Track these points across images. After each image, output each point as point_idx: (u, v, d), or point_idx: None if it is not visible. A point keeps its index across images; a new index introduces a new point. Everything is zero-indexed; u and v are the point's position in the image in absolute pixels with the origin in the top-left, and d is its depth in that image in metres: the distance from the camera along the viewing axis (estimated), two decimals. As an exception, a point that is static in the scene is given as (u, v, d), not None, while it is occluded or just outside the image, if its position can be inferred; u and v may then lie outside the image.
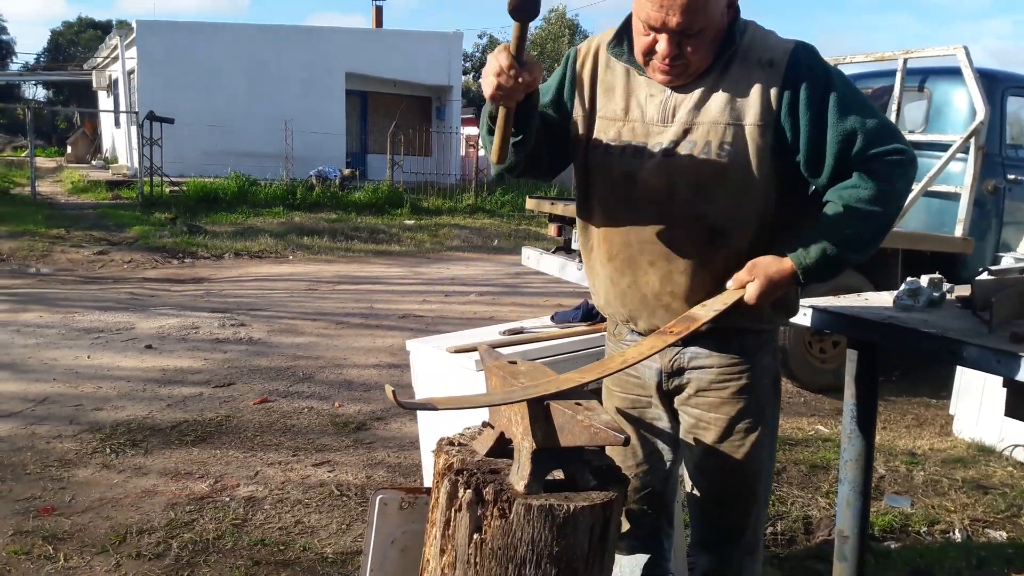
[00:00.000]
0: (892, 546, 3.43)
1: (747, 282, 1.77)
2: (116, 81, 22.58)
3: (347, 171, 18.39)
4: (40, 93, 44.73)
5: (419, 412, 3.10)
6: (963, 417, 4.92)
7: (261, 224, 13.44)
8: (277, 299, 8.28)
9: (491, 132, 1.73)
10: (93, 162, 23.87)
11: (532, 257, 6.53)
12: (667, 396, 1.99)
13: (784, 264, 1.76)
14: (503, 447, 1.78)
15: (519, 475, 1.64)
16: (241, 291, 8.70)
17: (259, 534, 3.33)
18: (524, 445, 1.65)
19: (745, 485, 1.95)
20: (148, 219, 13.35)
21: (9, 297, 7.84)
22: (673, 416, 2.01)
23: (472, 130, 24.43)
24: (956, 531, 3.67)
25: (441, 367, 2.75)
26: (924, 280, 2.45)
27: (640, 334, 1.97)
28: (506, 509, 1.58)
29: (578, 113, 1.94)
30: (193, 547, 3.20)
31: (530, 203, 7.21)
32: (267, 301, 8.14)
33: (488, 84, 1.63)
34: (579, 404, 1.62)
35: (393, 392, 1.44)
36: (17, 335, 6.33)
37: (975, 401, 4.82)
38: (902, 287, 2.46)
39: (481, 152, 20.40)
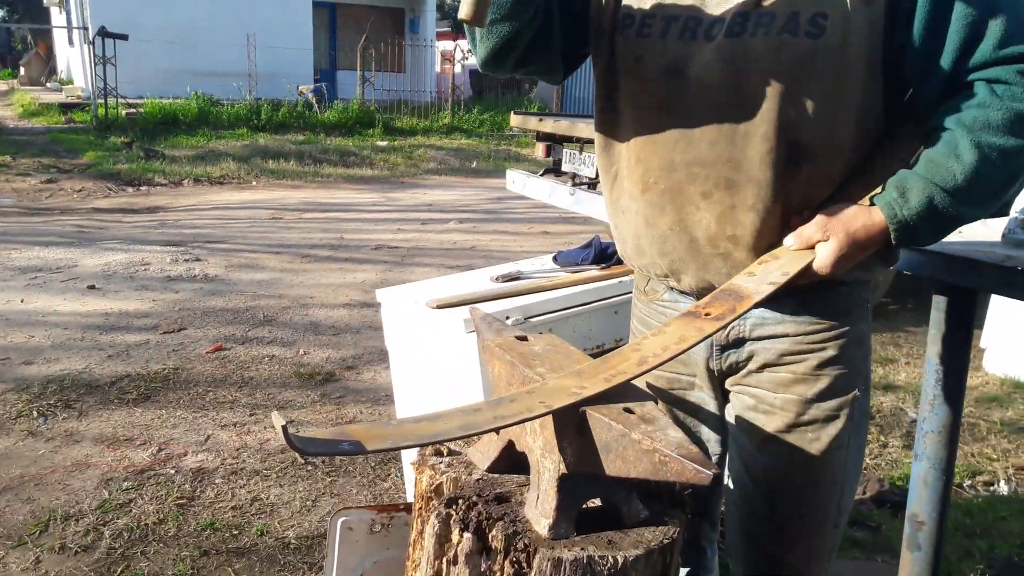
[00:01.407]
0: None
1: (818, 241, 1.23)
2: (66, -5, 21.10)
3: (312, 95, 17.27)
4: (-7, 12, 42.31)
5: (392, 365, 2.56)
6: (995, 351, 4.49)
7: (223, 147, 12.60)
8: (237, 230, 7.62)
9: None
10: (48, 84, 22.56)
11: (518, 181, 5.90)
12: (718, 376, 1.45)
13: (873, 217, 1.22)
14: (511, 459, 1.25)
15: (540, 509, 1.12)
16: (199, 221, 8.02)
17: (208, 516, 2.82)
18: (546, 466, 1.13)
19: (816, 498, 1.40)
20: (102, 144, 12.46)
21: (-59, 232, 7.13)
22: (724, 399, 1.48)
23: (448, 44, 23.26)
24: (1001, 482, 3.26)
25: (420, 325, 2.19)
26: (1042, 208, 1.90)
27: (683, 293, 1.42)
28: (523, 563, 1.08)
29: None
30: (129, 535, 2.70)
31: (514, 119, 6.51)
32: (226, 232, 7.47)
33: None
34: (630, 411, 1.07)
35: (284, 429, 0.85)
36: (-57, 276, 5.68)
37: (1010, 332, 4.37)
38: (1013, 215, 1.91)
39: (458, 68, 19.41)
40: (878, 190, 1.23)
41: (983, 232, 2.00)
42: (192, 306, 5.13)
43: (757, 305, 1.22)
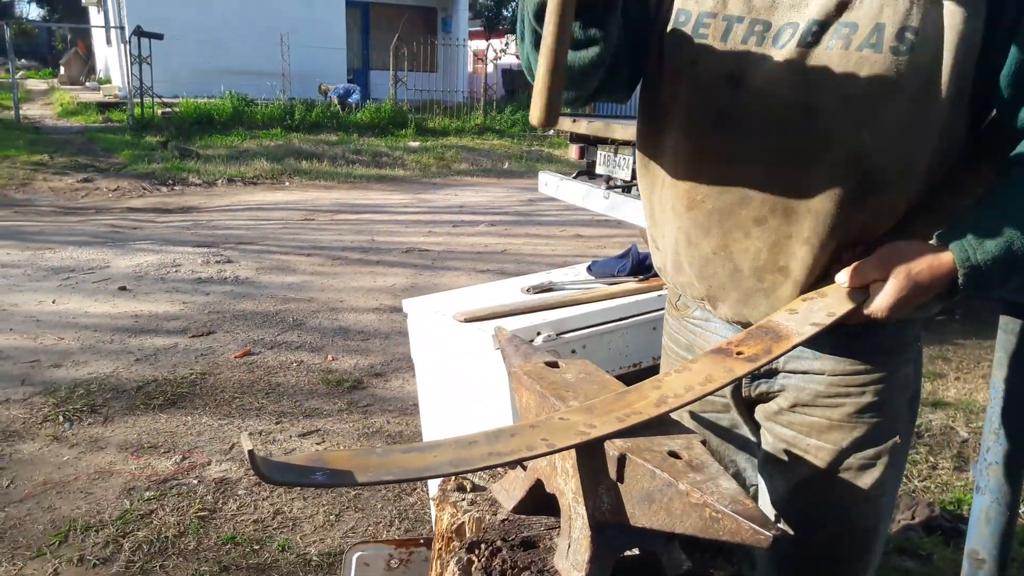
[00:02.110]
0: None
1: (875, 280, 1.09)
2: (105, -5, 21.39)
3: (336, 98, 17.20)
4: (34, 12, 43.10)
5: (418, 377, 2.46)
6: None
7: (257, 147, 12.64)
8: (269, 231, 7.59)
9: (538, 44, 1.02)
10: (87, 83, 22.89)
11: (550, 183, 5.78)
12: (748, 403, 1.34)
13: (941, 258, 1.06)
14: (539, 498, 1.15)
15: (572, 560, 1.03)
16: (231, 222, 8.01)
17: (229, 529, 2.75)
18: (579, 512, 1.03)
19: (853, 544, 1.30)
20: (138, 143, 12.57)
21: (-22, 231, 7.20)
22: (756, 427, 1.36)
23: (480, 44, 23.19)
24: (1060, 509, 3.06)
25: (447, 339, 2.09)
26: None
27: (713, 316, 1.31)
28: (552, 620, 0.96)
29: None
30: (148, 548, 2.64)
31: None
32: (258, 233, 7.45)
33: None
34: (676, 455, 0.96)
35: (251, 454, 0.75)
36: (-22, 276, 5.71)
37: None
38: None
39: (490, 68, 19.34)
40: (947, 228, 1.09)
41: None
42: (222, 309, 5.09)
43: (797, 345, 1.09)
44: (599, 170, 5.44)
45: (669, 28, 1.18)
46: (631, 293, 2.13)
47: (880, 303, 1.08)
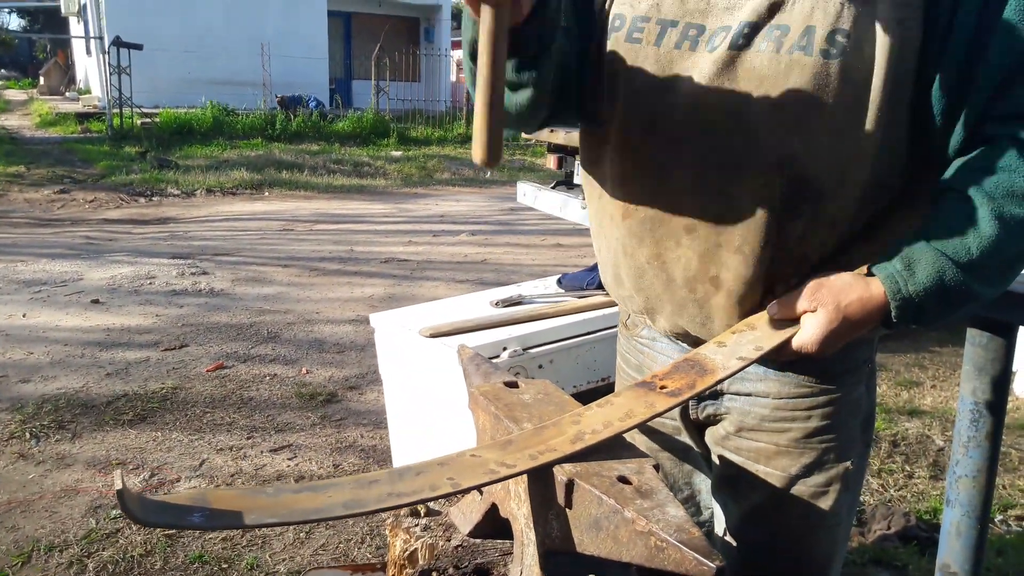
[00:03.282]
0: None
1: (804, 312, 1.06)
2: (85, 5, 21.26)
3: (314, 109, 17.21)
4: (15, 22, 42.74)
5: (386, 392, 2.42)
6: (1026, 374, 4.28)
7: (237, 157, 12.55)
8: (247, 242, 7.52)
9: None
10: (67, 94, 22.73)
11: (528, 193, 5.77)
12: (697, 425, 1.31)
13: (872, 289, 1.03)
14: (496, 522, 1.12)
15: None
16: (209, 233, 7.94)
17: (197, 548, 2.70)
18: (531, 538, 0.99)
19: (811, 569, 1.27)
20: (117, 154, 12.46)
21: (-50, 243, 7.09)
22: (708, 450, 1.34)
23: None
24: (1035, 517, 3.08)
25: (413, 354, 2.06)
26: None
27: (662, 334, 1.28)
28: (505, 647, 0.94)
29: None
30: (113, 568, 2.59)
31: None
32: (235, 244, 7.38)
33: None
34: (626, 480, 0.93)
35: (120, 493, 0.71)
36: (-52, 289, 5.61)
37: (1043, 356, 4.17)
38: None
39: (472, 78, 19.34)
40: (877, 259, 1.05)
41: None
42: (195, 322, 5.03)
43: (723, 380, 1.07)
44: (576, 180, 5.44)
45: (607, 36, 1.15)
46: (600, 307, 2.11)
47: (808, 336, 1.05)
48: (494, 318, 2.06)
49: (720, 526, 1.34)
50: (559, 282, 2.36)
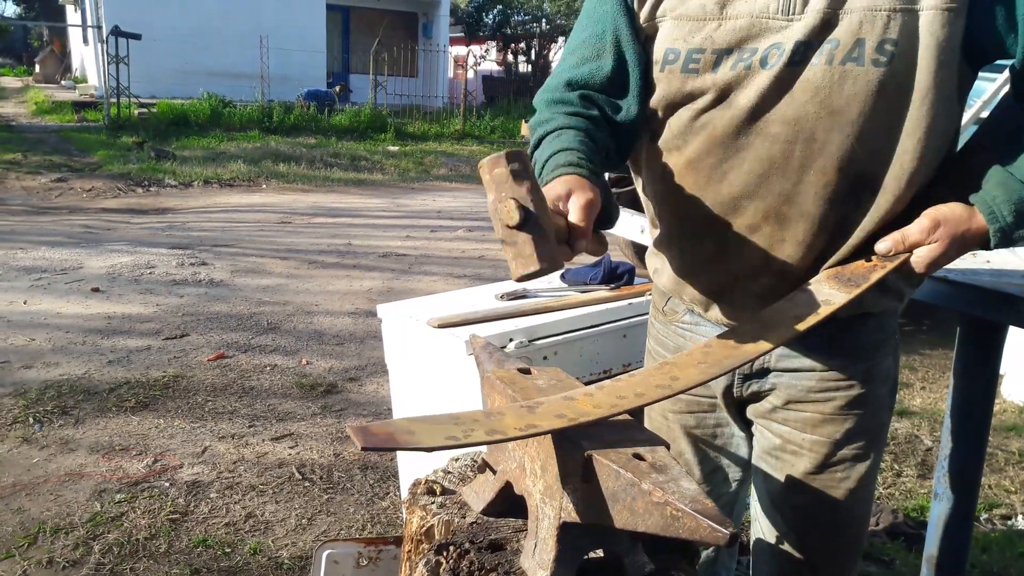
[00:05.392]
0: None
1: (923, 243, 1.15)
2: (82, -6, 21.18)
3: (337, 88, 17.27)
4: (10, 9, 42.45)
5: (392, 382, 2.48)
6: (1014, 376, 4.36)
7: (234, 149, 12.56)
8: (245, 233, 7.56)
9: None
10: (63, 82, 22.63)
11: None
12: (739, 403, 1.40)
13: (975, 221, 1.14)
14: (509, 501, 1.17)
15: (538, 560, 1.05)
16: (207, 223, 7.97)
17: (201, 532, 2.75)
18: (546, 512, 1.05)
19: (846, 534, 1.39)
20: (114, 143, 12.46)
21: (-52, 229, 7.10)
22: (745, 425, 1.44)
23: (460, 49, 23.22)
24: (1019, 516, 3.15)
25: (421, 345, 2.11)
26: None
27: (713, 322, 1.36)
28: (519, 619, 0.99)
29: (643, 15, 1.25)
30: (119, 551, 2.62)
31: (525, 128, 6.43)
32: (234, 236, 7.42)
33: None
34: (640, 458, 0.99)
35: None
36: (-52, 275, 5.64)
37: (1030, 358, 4.25)
38: (1044, 248, 1.82)
39: (470, 74, 19.35)
40: (978, 192, 1.16)
41: (1013, 261, 1.91)
42: (196, 311, 5.07)
43: (842, 307, 1.15)
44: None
45: (660, 68, 1.22)
46: (602, 301, 2.17)
47: (927, 257, 1.14)
48: (500, 310, 2.11)
49: (754, 501, 1.45)
50: (562, 277, 2.42)
